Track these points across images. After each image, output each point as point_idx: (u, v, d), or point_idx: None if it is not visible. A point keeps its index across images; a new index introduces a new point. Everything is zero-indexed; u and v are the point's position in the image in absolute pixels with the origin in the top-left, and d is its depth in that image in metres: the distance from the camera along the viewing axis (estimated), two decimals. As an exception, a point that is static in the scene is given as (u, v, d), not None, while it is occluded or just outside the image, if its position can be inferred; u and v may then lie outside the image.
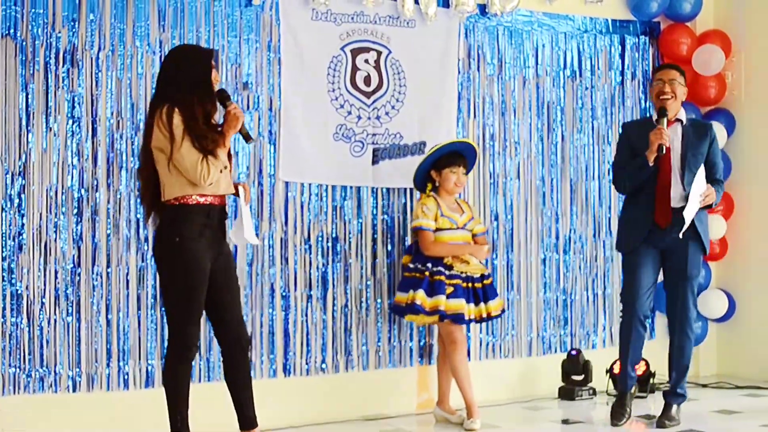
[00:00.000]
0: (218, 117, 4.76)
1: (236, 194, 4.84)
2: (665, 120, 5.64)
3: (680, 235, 5.62)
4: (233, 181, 4.84)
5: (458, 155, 5.90)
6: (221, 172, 4.60)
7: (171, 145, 4.50)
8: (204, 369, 5.70)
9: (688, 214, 5.59)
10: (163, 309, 4.81)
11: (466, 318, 5.76)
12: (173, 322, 4.63)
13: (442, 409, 6.00)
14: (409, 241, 6.17)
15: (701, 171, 5.63)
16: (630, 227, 5.83)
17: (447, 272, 5.75)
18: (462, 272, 5.79)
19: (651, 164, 5.59)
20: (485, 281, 5.88)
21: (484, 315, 5.86)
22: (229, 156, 4.77)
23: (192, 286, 4.58)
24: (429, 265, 5.77)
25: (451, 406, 6.00)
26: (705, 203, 5.65)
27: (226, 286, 4.73)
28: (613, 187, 6.24)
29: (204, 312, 4.71)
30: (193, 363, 4.69)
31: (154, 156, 4.59)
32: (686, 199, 5.61)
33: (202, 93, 4.61)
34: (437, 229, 5.82)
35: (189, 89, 4.58)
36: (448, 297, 5.72)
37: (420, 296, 5.71)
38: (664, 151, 5.57)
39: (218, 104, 4.70)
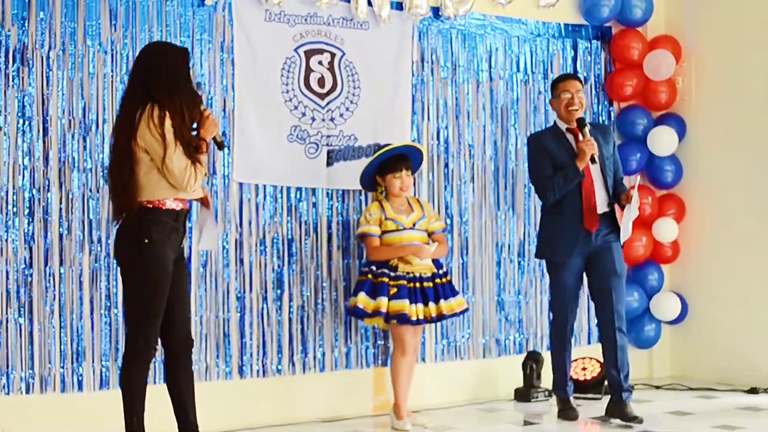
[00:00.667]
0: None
1: (204, 202, 4.80)
2: (587, 129, 5.81)
3: (621, 243, 5.88)
4: None
5: (401, 158, 5.90)
6: (205, 175, 4.61)
7: (164, 149, 4.44)
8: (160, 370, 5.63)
9: (625, 233, 5.83)
10: (123, 309, 4.75)
11: (413, 319, 5.72)
12: (135, 322, 4.56)
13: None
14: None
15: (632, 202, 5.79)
16: (559, 236, 5.91)
17: (392, 273, 5.74)
18: (407, 273, 5.77)
19: (582, 172, 5.78)
20: (439, 280, 5.87)
21: (435, 315, 5.82)
22: None
23: (157, 288, 4.53)
24: (373, 267, 5.79)
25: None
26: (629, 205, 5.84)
27: (179, 289, 4.70)
28: (537, 197, 6.26)
29: None
30: (150, 365, 4.62)
31: (137, 156, 4.49)
32: (610, 204, 5.86)
33: (187, 97, 4.57)
34: (384, 232, 5.83)
35: (175, 91, 4.52)
36: (391, 298, 5.70)
37: (362, 299, 5.72)
38: (596, 161, 5.76)
39: None
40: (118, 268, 4.67)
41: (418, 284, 5.79)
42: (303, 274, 6.14)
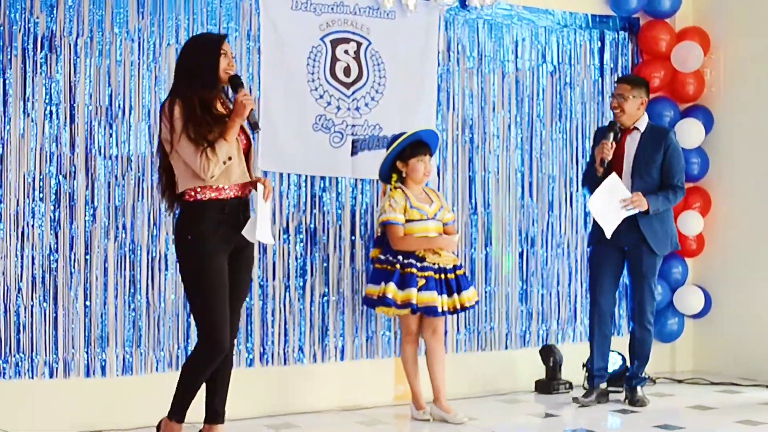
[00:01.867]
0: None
1: (253, 188, 4.72)
2: (612, 134, 6.05)
3: (608, 236, 6.04)
4: (255, 176, 4.75)
5: (423, 144, 5.83)
6: (225, 163, 4.49)
7: (171, 138, 4.47)
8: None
9: (612, 224, 6.00)
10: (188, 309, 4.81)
11: (439, 310, 5.72)
12: (200, 322, 4.55)
13: (438, 407, 5.86)
14: (375, 233, 6.11)
15: (610, 183, 5.96)
16: (594, 223, 6.23)
17: (419, 264, 5.71)
18: (434, 264, 5.75)
19: (600, 174, 6.02)
20: (458, 272, 5.86)
21: (458, 306, 5.82)
22: (249, 145, 4.73)
23: (208, 282, 4.50)
24: (400, 257, 5.72)
25: (445, 402, 5.87)
26: (632, 208, 5.99)
27: (237, 283, 4.66)
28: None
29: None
30: (219, 360, 4.59)
31: (165, 149, 4.55)
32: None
33: (202, 81, 4.53)
34: (408, 221, 5.77)
35: (191, 79, 4.52)
36: (419, 289, 5.68)
37: (391, 289, 5.66)
38: (605, 165, 5.99)
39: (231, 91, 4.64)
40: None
41: (443, 275, 5.77)
42: (326, 263, 6.16)
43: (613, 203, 5.97)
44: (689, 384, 7.05)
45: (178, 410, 4.62)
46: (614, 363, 6.75)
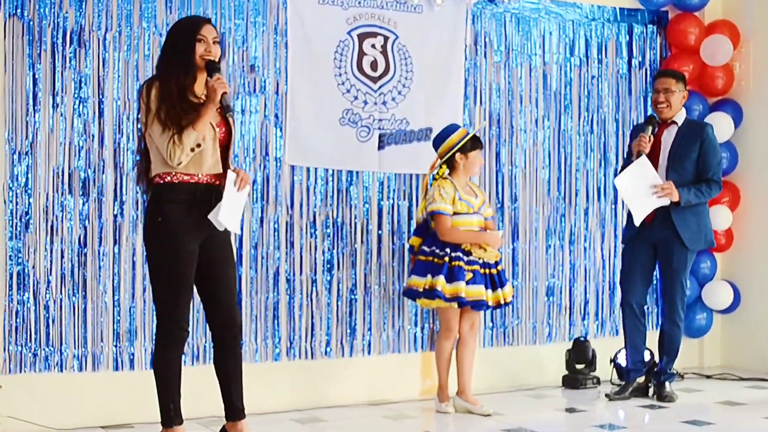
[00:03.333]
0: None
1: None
2: (650, 128, 6.03)
3: (637, 223, 6.02)
4: (233, 166, 4.59)
5: (478, 138, 5.94)
6: (192, 150, 4.32)
7: (145, 120, 4.35)
8: (193, 353, 5.70)
9: (641, 208, 5.96)
10: (151, 292, 4.63)
11: (488, 304, 5.77)
12: (160, 304, 4.45)
13: (464, 399, 5.89)
14: (416, 222, 6.11)
15: (639, 165, 5.92)
16: (628, 220, 6.19)
17: (465, 258, 5.71)
18: (480, 258, 5.75)
19: None
20: (498, 267, 5.88)
21: (501, 301, 5.85)
22: (228, 137, 4.56)
23: (176, 267, 4.38)
24: (448, 250, 5.70)
25: (471, 395, 5.90)
26: (662, 197, 5.94)
27: (218, 268, 4.53)
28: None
29: (198, 295, 4.58)
30: (183, 347, 4.53)
31: (143, 133, 4.44)
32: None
33: (179, 65, 4.39)
34: (455, 213, 5.76)
35: (168, 63, 4.41)
36: (467, 283, 5.69)
37: (440, 282, 5.65)
38: (641, 156, 5.96)
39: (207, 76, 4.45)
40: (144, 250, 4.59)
41: (488, 270, 5.80)
42: (353, 257, 6.16)
43: (641, 187, 5.91)
44: (718, 379, 7.01)
45: (170, 413, 4.47)
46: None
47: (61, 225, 5.40)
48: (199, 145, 4.34)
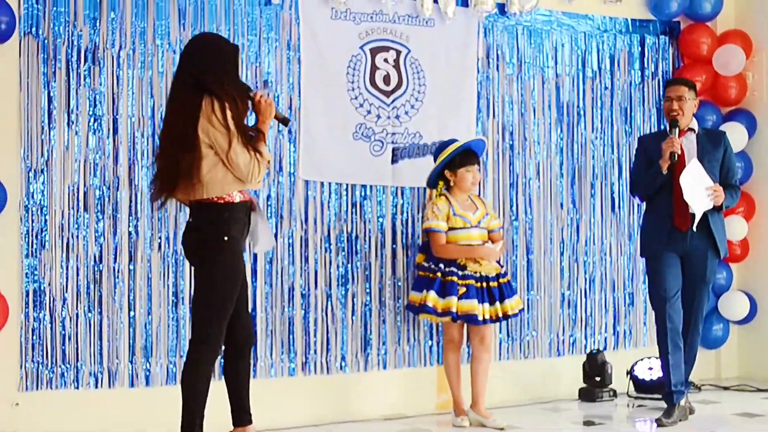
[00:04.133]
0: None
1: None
2: (677, 130, 5.88)
3: (693, 228, 5.79)
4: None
5: (471, 153, 5.86)
6: (267, 166, 4.57)
7: (228, 142, 4.39)
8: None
9: (699, 208, 5.76)
10: (191, 308, 4.68)
11: (480, 318, 5.71)
12: (207, 322, 4.47)
13: (476, 413, 5.87)
14: (421, 240, 6.13)
15: (695, 165, 5.79)
16: (652, 232, 5.98)
17: (460, 272, 5.72)
18: (475, 272, 5.75)
19: (665, 172, 5.80)
20: (501, 280, 5.86)
21: (500, 314, 5.81)
22: None
23: (234, 286, 4.50)
24: (441, 265, 5.74)
25: (483, 408, 5.88)
26: (714, 199, 5.79)
27: (245, 285, 4.71)
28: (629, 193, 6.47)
29: None
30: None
31: (202, 151, 4.41)
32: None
33: (239, 90, 4.53)
34: (450, 229, 5.77)
35: (227, 82, 4.47)
36: (460, 298, 5.68)
37: (431, 297, 5.68)
38: (676, 159, 5.78)
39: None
40: (193, 268, 4.63)
41: (485, 284, 5.77)
42: (367, 271, 6.16)
43: (698, 187, 5.82)
44: (735, 391, 6.98)
45: (195, 427, 4.50)
46: (658, 370, 6.69)
47: (76, 242, 5.42)
48: (269, 161, 4.58)
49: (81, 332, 5.41)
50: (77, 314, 5.40)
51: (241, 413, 4.70)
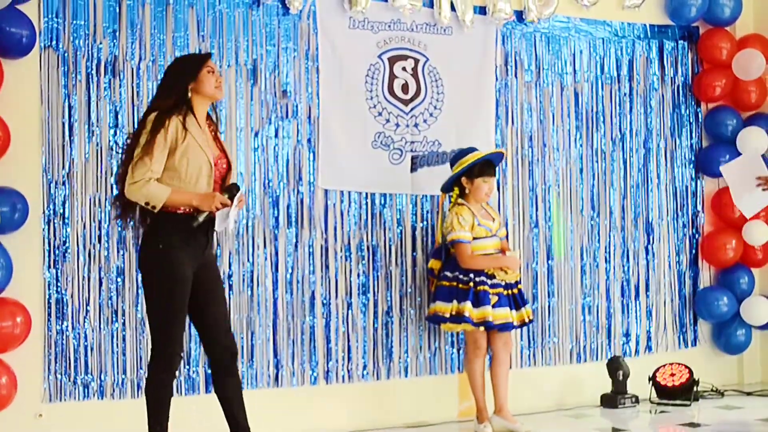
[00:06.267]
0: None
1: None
2: None
3: (747, 216, 5.97)
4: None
5: (490, 164, 5.89)
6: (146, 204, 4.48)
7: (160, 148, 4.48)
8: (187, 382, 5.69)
9: (742, 204, 5.65)
10: (145, 318, 4.73)
11: (515, 325, 5.81)
12: (155, 331, 4.52)
13: (502, 418, 5.89)
14: (435, 245, 6.11)
15: (754, 154, 5.60)
16: None
17: (489, 282, 5.76)
18: (503, 281, 5.81)
19: None
20: (520, 287, 5.93)
21: (525, 320, 5.89)
22: (228, 169, 4.69)
23: (173, 295, 4.48)
24: (472, 275, 5.76)
25: (510, 413, 5.91)
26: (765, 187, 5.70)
27: (210, 295, 4.65)
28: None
29: (191, 322, 4.70)
30: (176, 373, 4.62)
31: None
32: None
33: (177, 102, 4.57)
34: (474, 238, 5.81)
35: (158, 99, 4.59)
36: (493, 306, 5.73)
37: (468, 308, 5.70)
38: None
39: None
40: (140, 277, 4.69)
41: (510, 291, 5.84)
42: (388, 279, 6.17)
43: (748, 179, 5.74)
44: (758, 396, 6.94)
45: None
46: (681, 376, 6.67)
47: (98, 253, 5.44)
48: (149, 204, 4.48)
49: (104, 343, 5.43)
50: (99, 325, 5.43)
51: (238, 427, 4.68)
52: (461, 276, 5.78)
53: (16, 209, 5.10)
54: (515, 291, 5.85)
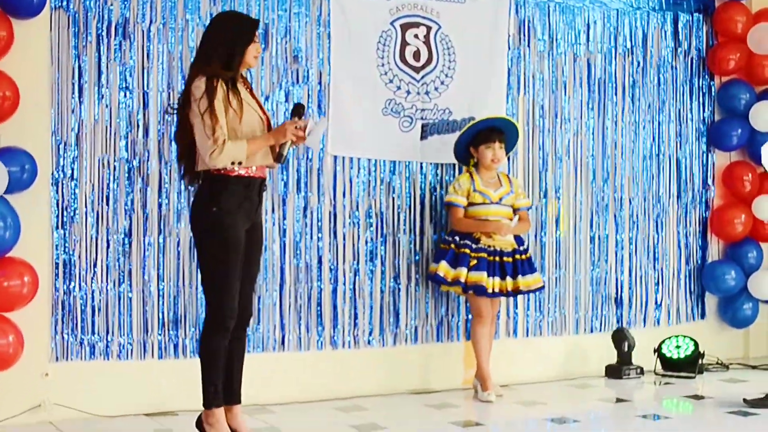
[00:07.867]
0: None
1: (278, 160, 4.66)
2: None
3: None
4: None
5: (495, 131, 5.95)
6: (232, 164, 4.49)
7: (196, 122, 4.49)
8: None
9: None
10: (201, 279, 4.72)
11: (489, 291, 5.85)
12: (211, 293, 4.56)
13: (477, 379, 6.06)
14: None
15: None
16: None
17: (473, 245, 5.87)
18: (489, 246, 5.88)
19: None
20: (520, 256, 5.95)
21: (510, 289, 5.92)
22: (269, 121, 4.71)
23: (228, 257, 4.52)
24: (456, 238, 5.92)
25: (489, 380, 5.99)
26: None
27: (250, 259, 4.68)
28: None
29: None
30: (228, 334, 4.61)
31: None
32: None
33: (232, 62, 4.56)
34: (470, 204, 5.93)
35: (216, 64, 4.53)
36: (470, 269, 5.83)
37: (443, 267, 5.87)
38: None
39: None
40: (193, 238, 4.71)
41: (498, 258, 5.90)
42: (396, 246, 6.17)
43: None
44: (763, 369, 6.95)
45: (210, 396, 4.59)
46: (686, 349, 6.68)
47: (106, 215, 5.46)
48: (240, 162, 4.50)
49: (111, 304, 5.46)
50: (107, 286, 5.45)
51: (233, 392, 4.73)
52: (447, 237, 5.98)
53: (24, 170, 5.09)
54: (509, 260, 5.91)
